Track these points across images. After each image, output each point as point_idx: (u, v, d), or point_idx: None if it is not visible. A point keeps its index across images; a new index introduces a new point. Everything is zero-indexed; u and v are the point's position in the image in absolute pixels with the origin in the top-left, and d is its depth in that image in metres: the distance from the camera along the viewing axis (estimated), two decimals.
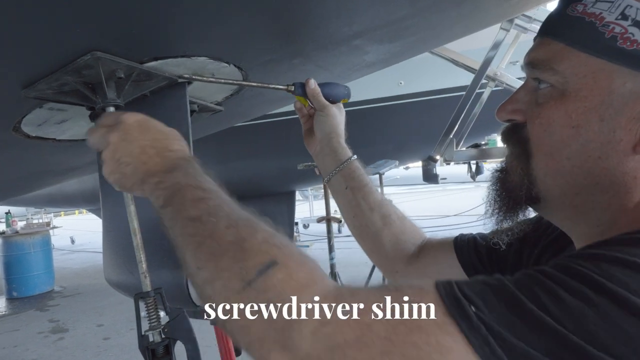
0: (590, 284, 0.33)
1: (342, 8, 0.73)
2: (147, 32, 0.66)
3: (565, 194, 0.48)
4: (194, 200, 0.49)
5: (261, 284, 0.40)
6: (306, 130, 0.89)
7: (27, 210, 8.04)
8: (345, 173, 0.80)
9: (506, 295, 0.34)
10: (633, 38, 0.42)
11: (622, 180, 0.44)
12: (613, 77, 0.43)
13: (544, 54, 0.48)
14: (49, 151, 1.15)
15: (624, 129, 0.43)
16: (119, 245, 0.89)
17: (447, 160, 2.76)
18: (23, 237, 5.85)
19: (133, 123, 0.58)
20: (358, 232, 0.81)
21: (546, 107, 0.47)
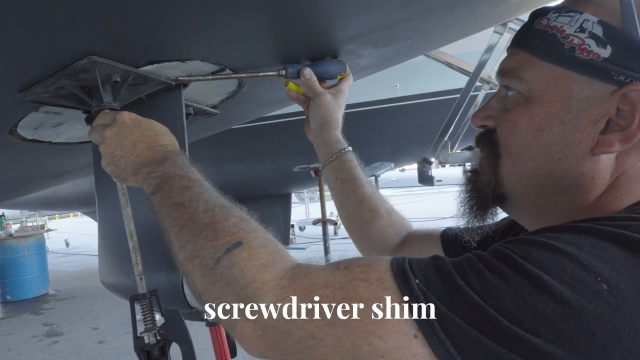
0: (511, 264, 0.37)
1: (335, 13, 0.74)
2: (143, 36, 0.67)
3: (529, 194, 0.51)
4: (179, 188, 0.55)
5: (227, 262, 0.46)
6: (307, 116, 0.90)
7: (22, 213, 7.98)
8: (336, 164, 0.82)
9: (444, 273, 0.39)
10: (589, 49, 0.46)
11: (580, 181, 0.48)
12: (572, 84, 0.47)
13: (512, 63, 0.52)
14: (45, 154, 1.15)
15: (583, 132, 0.46)
16: (114, 247, 0.89)
17: (442, 163, 2.78)
18: (17, 240, 5.80)
19: (126, 120, 0.66)
20: (346, 222, 0.84)
21: (513, 112, 0.51)
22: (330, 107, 0.85)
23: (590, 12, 0.47)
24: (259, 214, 0.76)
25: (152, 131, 0.66)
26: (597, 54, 0.45)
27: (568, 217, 0.49)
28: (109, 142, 0.65)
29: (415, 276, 0.39)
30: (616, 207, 0.46)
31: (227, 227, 0.49)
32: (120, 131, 0.65)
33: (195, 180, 0.58)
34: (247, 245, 0.47)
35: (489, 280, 0.36)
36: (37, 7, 0.52)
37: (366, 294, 0.40)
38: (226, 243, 0.47)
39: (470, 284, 0.37)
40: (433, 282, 0.38)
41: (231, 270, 0.45)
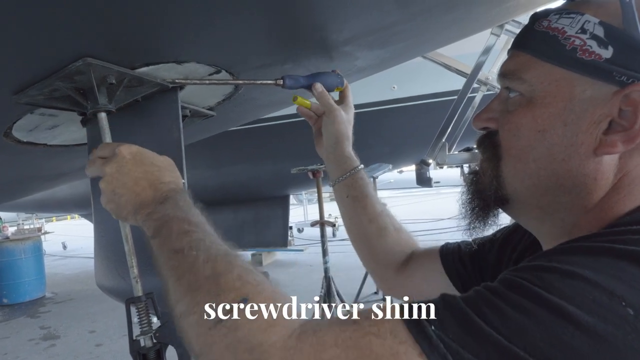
0: (530, 296, 0.35)
1: (332, 14, 0.74)
2: (139, 38, 0.67)
3: (532, 195, 0.51)
4: (179, 233, 0.52)
5: (230, 322, 0.42)
6: (316, 131, 0.88)
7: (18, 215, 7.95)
8: (348, 182, 0.81)
9: (458, 313, 0.36)
10: (591, 50, 0.45)
11: (583, 182, 0.47)
12: (574, 85, 0.47)
13: (514, 65, 0.52)
14: (41, 156, 1.15)
15: (585, 133, 0.46)
16: (110, 250, 0.89)
17: (440, 164, 2.78)
18: (14, 242, 5.77)
19: (127, 155, 0.62)
20: (354, 238, 0.83)
21: (515, 114, 0.51)
22: (344, 124, 0.84)
23: (591, 13, 0.47)
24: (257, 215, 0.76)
25: (154, 167, 0.62)
26: (598, 54, 0.45)
27: (572, 218, 0.49)
28: (109, 179, 0.61)
29: (430, 323, 0.37)
30: (619, 208, 0.46)
31: (230, 282, 0.45)
32: (121, 168, 0.61)
33: (197, 223, 0.54)
34: (252, 303, 0.43)
35: (509, 316, 0.35)
36: (31, 9, 0.52)
37: (381, 350, 0.37)
38: (229, 300, 0.43)
39: (490, 322, 0.35)
40: (449, 326, 0.36)
41: (235, 332, 0.41)
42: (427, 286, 0.75)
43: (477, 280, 0.69)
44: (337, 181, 0.83)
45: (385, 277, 0.81)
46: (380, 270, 0.82)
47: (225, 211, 5.50)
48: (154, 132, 0.88)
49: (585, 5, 0.48)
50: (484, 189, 0.55)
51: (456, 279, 0.71)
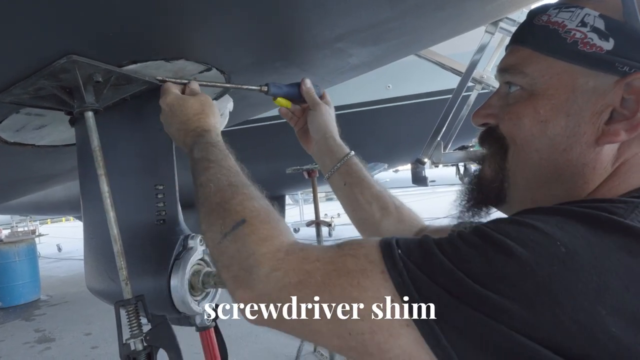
0: (482, 235, 0.40)
1: (324, 11, 0.73)
2: (126, 35, 0.65)
3: (530, 187, 0.51)
4: (201, 170, 0.65)
5: (232, 237, 0.53)
6: (299, 131, 0.91)
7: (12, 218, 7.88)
8: (342, 170, 0.83)
9: (425, 246, 0.42)
10: (592, 42, 0.46)
11: (581, 171, 0.48)
12: (576, 77, 0.47)
13: (514, 59, 0.52)
14: (29, 157, 1.13)
15: (588, 123, 0.47)
16: (100, 252, 0.87)
17: (435, 163, 2.78)
18: (7, 245, 5.72)
19: (165, 108, 0.76)
20: (358, 224, 0.84)
21: (516, 106, 0.52)
22: (330, 115, 0.88)
23: (591, 7, 0.47)
24: None
25: (184, 116, 0.74)
26: (600, 46, 0.46)
27: None
28: (166, 127, 0.78)
29: (398, 247, 0.42)
30: (612, 195, 0.47)
31: (233, 207, 0.56)
32: (165, 119, 0.76)
33: (214, 160, 0.65)
34: (249, 223, 0.53)
35: (460, 249, 0.40)
36: (13, 4, 0.50)
37: (353, 266, 0.43)
38: (232, 221, 0.54)
39: (445, 252, 0.40)
40: (413, 252, 0.42)
41: (235, 244, 0.52)
42: None
43: None
44: (332, 171, 0.84)
45: None
46: None
47: None
48: (143, 132, 0.86)
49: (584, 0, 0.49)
50: (487, 183, 0.55)
51: None
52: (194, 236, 0.83)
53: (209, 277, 0.81)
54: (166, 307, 0.80)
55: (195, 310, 0.80)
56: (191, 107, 0.74)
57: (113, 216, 0.73)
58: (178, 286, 0.79)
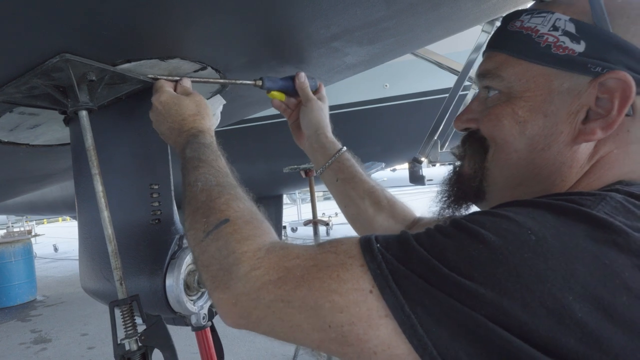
0: (458, 226, 0.41)
1: (318, 10, 0.73)
2: (119, 33, 0.65)
3: (508, 186, 0.53)
4: (191, 169, 0.65)
5: (214, 236, 0.53)
6: (292, 125, 0.90)
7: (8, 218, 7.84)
8: (334, 166, 0.83)
9: (403, 239, 0.43)
10: (564, 45, 0.48)
11: (559, 170, 0.50)
12: (552, 79, 0.49)
13: (491, 64, 0.54)
14: (24, 157, 1.12)
15: (565, 123, 0.49)
16: (95, 252, 0.87)
17: (432, 162, 2.78)
18: (3, 246, 5.69)
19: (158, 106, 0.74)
20: (352, 220, 0.84)
21: (495, 108, 0.53)
22: (323, 111, 0.88)
23: (561, 11, 0.50)
24: None
25: (179, 116, 0.73)
26: (572, 49, 0.48)
27: None
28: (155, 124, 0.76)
29: (377, 242, 0.43)
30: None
31: (218, 206, 0.56)
32: (157, 117, 0.75)
33: (205, 160, 0.65)
34: (232, 222, 0.53)
35: (436, 238, 0.41)
36: (3, 1, 0.49)
37: (333, 261, 0.44)
38: (215, 219, 0.54)
39: (422, 244, 0.41)
40: (391, 245, 0.42)
41: (216, 242, 0.52)
42: None
43: None
44: (324, 167, 0.84)
45: None
46: None
47: None
48: (139, 131, 0.86)
49: (555, 4, 0.51)
50: (467, 180, 0.57)
51: None
52: None
53: None
54: (161, 307, 0.80)
55: (190, 310, 0.80)
56: (187, 108, 0.74)
57: (107, 216, 0.73)
58: (173, 286, 0.78)
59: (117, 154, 0.86)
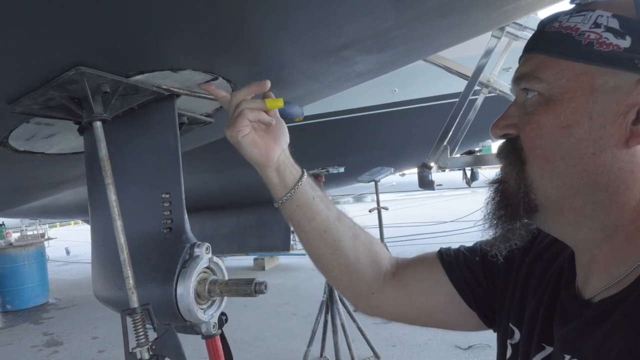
0: None
1: (328, 19, 0.73)
2: (132, 46, 0.66)
3: (564, 196, 0.49)
4: None
5: None
6: (252, 141, 0.69)
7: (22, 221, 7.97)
8: (308, 182, 0.74)
9: None
10: (608, 42, 0.45)
11: (619, 176, 0.46)
12: (595, 78, 0.46)
13: (528, 67, 0.51)
14: (39, 165, 1.14)
15: (614, 124, 0.45)
16: (107, 260, 0.88)
17: (442, 167, 2.77)
18: (17, 249, 5.78)
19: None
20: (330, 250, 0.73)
21: (535, 113, 0.49)
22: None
23: (602, 9, 0.47)
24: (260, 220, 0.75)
25: None
26: (616, 45, 0.45)
27: (613, 219, 0.47)
28: None
29: None
30: None
31: None
32: None
33: None
34: None
35: None
36: (23, 17, 0.51)
37: None
38: None
39: None
40: None
41: None
42: (427, 299, 0.70)
43: (489, 290, 0.67)
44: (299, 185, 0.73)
45: (372, 290, 0.74)
46: (365, 283, 0.74)
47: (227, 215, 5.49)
48: (150, 140, 0.87)
49: (594, 3, 0.49)
50: (511, 195, 0.52)
51: (466, 290, 0.67)
52: (200, 244, 0.84)
53: (215, 285, 0.81)
54: (172, 316, 0.80)
55: (201, 318, 0.81)
56: None
57: (120, 225, 0.74)
58: (184, 294, 0.79)
59: (129, 162, 0.87)
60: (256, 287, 0.78)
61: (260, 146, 0.70)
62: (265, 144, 0.70)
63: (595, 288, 0.49)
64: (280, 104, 0.72)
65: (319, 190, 0.75)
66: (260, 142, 0.70)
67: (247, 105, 0.68)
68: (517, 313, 0.60)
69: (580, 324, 0.48)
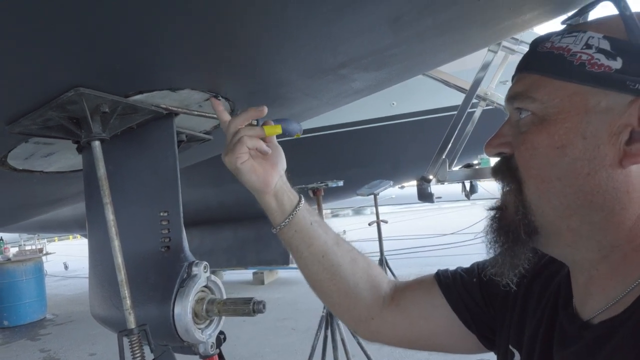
0: None
1: (326, 39, 0.74)
2: (131, 66, 0.66)
3: (561, 217, 0.48)
4: None
5: None
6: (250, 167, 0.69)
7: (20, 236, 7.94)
8: (306, 207, 0.74)
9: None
10: (600, 62, 0.45)
11: (614, 196, 0.45)
12: (588, 98, 0.46)
13: (522, 86, 0.51)
14: (37, 183, 1.14)
15: (607, 144, 0.45)
16: (105, 279, 0.87)
17: (441, 181, 2.77)
18: (15, 264, 5.74)
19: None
20: (329, 275, 0.72)
21: (529, 133, 0.50)
22: None
23: (593, 30, 0.47)
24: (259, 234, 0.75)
25: None
26: (608, 66, 0.45)
27: (609, 239, 0.47)
28: None
29: None
30: None
31: None
32: None
33: None
34: None
35: None
36: (21, 39, 0.51)
37: None
38: None
39: None
40: None
41: None
42: (426, 323, 0.70)
43: (488, 312, 0.66)
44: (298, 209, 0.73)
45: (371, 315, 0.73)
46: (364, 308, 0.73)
47: (226, 229, 5.47)
48: (149, 159, 0.87)
49: (585, 24, 0.50)
50: (510, 221, 0.52)
51: (464, 312, 0.67)
52: (198, 263, 0.83)
53: (213, 305, 0.81)
54: (170, 336, 0.79)
55: (199, 339, 0.80)
56: None
57: (118, 245, 0.74)
58: (182, 314, 0.78)
59: (127, 181, 0.87)
60: (254, 306, 0.78)
61: (259, 172, 0.70)
62: (263, 170, 0.70)
63: (593, 309, 0.48)
64: (279, 131, 0.72)
65: (317, 215, 0.75)
66: (258, 168, 0.70)
67: (245, 133, 0.68)
68: (517, 334, 0.59)
69: (580, 347, 0.47)
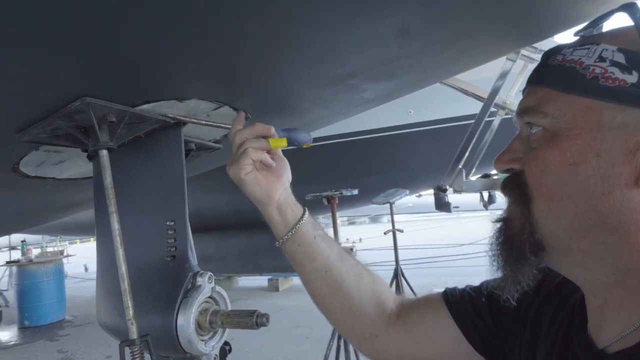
0: None
1: (333, 51, 0.73)
2: (138, 76, 0.67)
3: (572, 237, 0.46)
4: None
5: None
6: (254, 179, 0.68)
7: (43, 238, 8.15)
8: (310, 221, 0.72)
9: None
10: (614, 76, 0.43)
11: (630, 217, 0.43)
12: (602, 113, 0.44)
13: (532, 100, 0.49)
14: (50, 189, 1.16)
15: (623, 163, 0.43)
16: (111, 287, 0.87)
17: (457, 191, 2.72)
18: (36, 265, 5.90)
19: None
20: (332, 290, 0.71)
21: (540, 149, 0.47)
22: None
23: (607, 42, 0.45)
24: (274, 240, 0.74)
25: None
26: (623, 80, 0.43)
27: (624, 261, 0.44)
28: None
29: None
30: None
31: None
32: None
33: None
34: None
35: None
36: (29, 49, 0.52)
37: None
38: None
39: None
40: None
41: None
42: (433, 344, 0.67)
43: (497, 333, 0.63)
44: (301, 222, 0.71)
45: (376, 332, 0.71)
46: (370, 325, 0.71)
47: (241, 236, 5.49)
48: (156, 168, 0.87)
49: (599, 36, 0.47)
50: (516, 236, 0.50)
51: (473, 334, 0.64)
52: (202, 273, 0.83)
53: (217, 316, 0.80)
54: (172, 347, 0.79)
55: (201, 350, 0.79)
56: None
57: (122, 254, 0.74)
58: (185, 325, 0.77)
59: (135, 189, 0.87)
60: (258, 319, 0.76)
61: (262, 184, 0.69)
62: (267, 182, 0.69)
63: (609, 336, 0.46)
64: (284, 144, 0.71)
65: (321, 229, 0.73)
66: (262, 180, 0.69)
67: (250, 145, 0.67)
68: (528, 357, 0.56)
69: None
